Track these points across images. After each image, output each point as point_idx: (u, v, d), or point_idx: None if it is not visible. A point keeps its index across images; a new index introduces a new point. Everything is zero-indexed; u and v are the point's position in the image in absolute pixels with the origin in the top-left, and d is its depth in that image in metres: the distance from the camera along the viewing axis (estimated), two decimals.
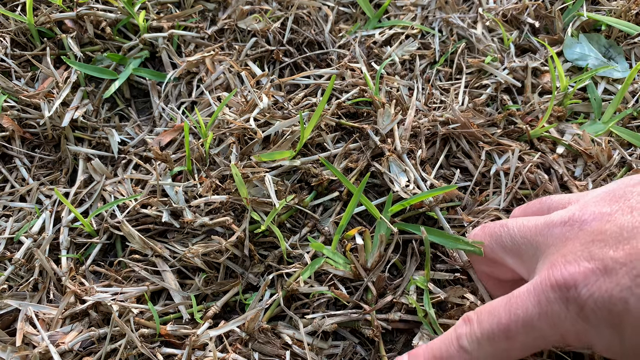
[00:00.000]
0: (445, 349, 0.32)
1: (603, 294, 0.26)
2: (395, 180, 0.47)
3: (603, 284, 0.26)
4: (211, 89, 0.57)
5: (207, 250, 0.44)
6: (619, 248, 0.27)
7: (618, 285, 0.26)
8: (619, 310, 0.26)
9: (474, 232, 0.39)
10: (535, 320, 0.28)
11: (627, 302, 0.26)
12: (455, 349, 0.32)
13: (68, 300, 0.43)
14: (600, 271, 0.27)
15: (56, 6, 0.61)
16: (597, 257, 0.27)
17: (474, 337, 0.31)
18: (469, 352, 0.31)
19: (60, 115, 0.54)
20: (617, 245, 0.27)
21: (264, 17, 0.61)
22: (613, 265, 0.26)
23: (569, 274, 0.28)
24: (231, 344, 0.41)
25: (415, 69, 0.58)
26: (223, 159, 0.50)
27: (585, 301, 0.27)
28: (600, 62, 0.58)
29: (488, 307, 0.31)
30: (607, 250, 0.27)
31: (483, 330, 0.30)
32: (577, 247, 0.29)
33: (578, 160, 0.51)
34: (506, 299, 0.30)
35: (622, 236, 0.27)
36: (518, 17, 0.62)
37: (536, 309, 0.29)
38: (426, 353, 0.34)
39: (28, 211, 0.51)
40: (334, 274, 0.43)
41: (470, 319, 0.32)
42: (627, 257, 0.26)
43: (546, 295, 0.28)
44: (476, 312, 0.32)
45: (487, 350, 0.30)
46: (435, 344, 0.33)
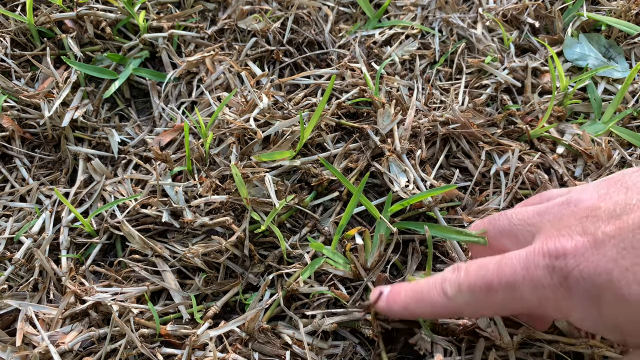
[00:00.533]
0: (427, 289, 0.34)
1: (589, 265, 0.27)
2: (395, 180, 0.47)
3: (591, 255, 0.27)
4: (211, 89, 0.57)
5: (207, 250, 0.44)
6: (611, 223, 0.28)
7: (604, 257, 0.27)
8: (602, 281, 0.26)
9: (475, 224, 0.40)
10: (519, 282, 0.29)
11: (611, 273, 0.26)
12: (437, 291, 0.33)
13: (68, 300, 0.43)
14: (590, 244, 0.28)
15: (56, 6, 0.61)
16: (590, 232, 0.28)
17: (457, 283, 0.32)
18: (449, 296, 0.32)
19: (60, 115, 0.54)
20: (609, 220, 0.28)
21: (264, 17, 0.61)
22: (603, 238, 0.27)
23: (561, 245, 0.28)
24: (231, 344, 0.41)
25: (415, 69, 0.58)
26: (223, 159, 0.50)
27: (570, 271, 0.28)
28: (600, 62, 0.58)
29: (479, 261, 0.33)
30: (599, 225, 0.28)
31: (467, 279, 0.32)
32: (571, 222, 0.30)
33: (578, 160, 0.51)
34: (498, 257, 0.32)
35: (615, 212, 0.28)
36: (518, 17, 0.62)
37: (523, 271, 0.29)
38: (408, 289, 0.35)
39: (28, 211, 0.51)
40: (334, 273, 0.43)
41: (459, 268, 0.33)
42: (617, 230, 0.27)
43: (535, 261, 0.29)
44: (466, 263, 0.33)
45: (466, 298, 0.32)
46: (420, 283, 0.35)
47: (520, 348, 0.40)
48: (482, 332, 0.39)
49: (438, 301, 0.33)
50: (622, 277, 0.26)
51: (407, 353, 0.42)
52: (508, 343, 0.39)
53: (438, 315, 0.36)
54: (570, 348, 0.39)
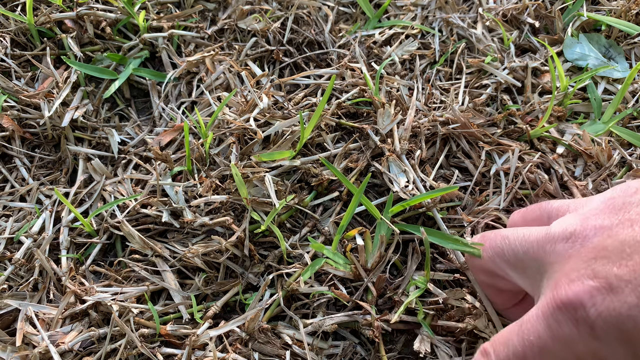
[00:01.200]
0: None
1: (611, 313, 0.26)
2: (394, 180, 0.47)
3: (610, 303, 0.26)
4: (211, 89, 0.57)
5: (207, 250, 0.44)
6: (622, 264, 0.27)
7: (625, 304, 0.26)
8: (629, 328, 0.26)
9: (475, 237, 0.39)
10: (550, 344, 0.28)
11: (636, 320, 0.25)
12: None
13: (68, 300, 0.43)
14: (606, 289, 0.27)
15: (56, 6, 0.61)
16: (601, 275, 0.27)
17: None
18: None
19: (60, 115, 0.54)
20: (621, 261, 0.27)
21: (264, 17, 0.61)
22: (618, 283, 0.26)
23: (574, 294, 0.27)
24: (231, 344, 0.41)
25: (415, 69, 0.58)
26: (223, 159, 0.50)
27: (594, 321, 0.27)
28: (600, 62, 0.58)
29: (501, 338, 0.31)
30: (611, 267, 0.27)
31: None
32: (579, 265, 0.28)
33: (578, 160, 0.51)
34: (517, 326, 0.30)
35: (625, 252, 0.27)
36: (518, 17, 0.62)
37: (547, 332, 0.28)
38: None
39: (28, 211, 0.51)
40: (334, 274, 0.43)
41: (487, 352, 0.32)
42: (632, 273, 0.26)
43: (555, 317, 0.28)
44: (492, 344, 0.32)
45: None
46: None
47: None
48: (481, 333, 0.39)
49: None
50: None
51: (407, 353, 0.42)
52: None
53: None
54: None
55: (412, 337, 0.41)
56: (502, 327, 0.39)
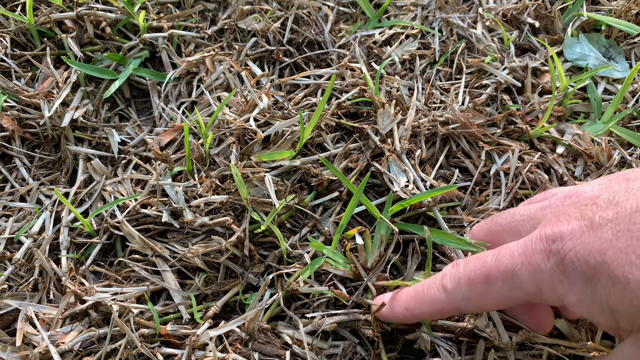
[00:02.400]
0: (428, 286, 0.35)
1: (585, 246, 0.27)
2: (394, 180, 0.47)
3: (587, 238, 0.28)
4: (211, 89, 0.57)
5: (207, 250, 0.44)
6: (609, 209, 0.28)
7: (600, 239, 0.27)
8: (596, 262, 0.27)
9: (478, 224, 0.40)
10: (517, 268, 0.30)
11: (605, 254, 0.26)
12: (437, 286, 0.34)
13: (68, 300, 0.43)
14: (587, 227, 0.28)
15: (56, 6, 0.61)
16: (587, 217, 0.28)
17: (456, 277, 0.33)
18: (448, 290, 0.33)
19: (60, 115, 0.54)
20: (608, 207, 0.28)
21: (264, 17, 0.61)
22: (600, 221, 0.28)
23: (558, 229, 0.29)
24: (231, 344, 0.41)
25: (415, 69, 0.58)
26: (223, 159, 0.50)
27: (566, 253, 0.28)
28: (600, 62, 0.58)
29: (478, 255, 0.33)
30: (598, 211, 0.28)
31: (466, 272, 0.32)
32: (571, 210, 0.30)
33: (578, 160, 0.51)
34: (497, 249, 0.32)
35: (615, 199, 0.28)
36: (518, 17, 0.62)
37: (520, 258, 0.30)
38: (408, 290, 0.36)
39: (28, 211, 0.51)
40: (334, 273, 0.43)
41: (459, 263, 0.33)
42: (615, 214, 0.27)
43: (533, 246, 0.30)
44: (467, 258, 0.33)
45: (464, 290, 0.32)
46: (420, 283, 0.36)
47: (520, 350, 0.40)
48: (481, 332, 0.39)
49: (438, 297, 0.33)
50: (616, 258, 0.26)
51: (407, 353, 0.42)
52: (507, 344, 0.39)
53: (439, 314, 0.36)
54: (570, 351, 0.39)
55: (412, 337, 0.41)
56: (503, 325, 0.39)
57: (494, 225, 0.37)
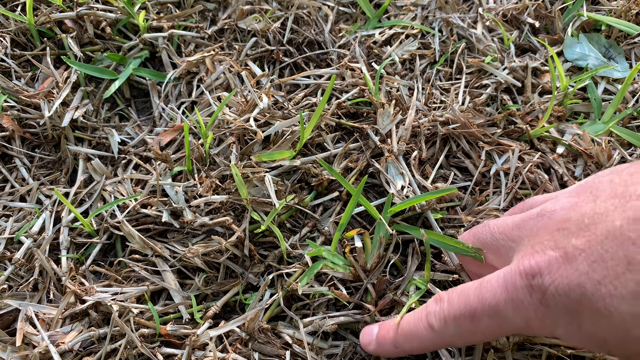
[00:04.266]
0: (414, 324, 0.34)
1: (563, 281, 0.27)
2: (391, 182, 0.47)
3: (564, 271, 0.27)
4: (211, 89, 0.57)
5: (207, 250, 0.44)
6: (580, 235, 0.27)
7: (577, 271, 0.27)
8: (576, 296, 0.26)
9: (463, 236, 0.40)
10: (502, 305, 0.30)
11: (584, 287, 0.26)
12: (423, 325, 0.34)
13: (68, 300, 0.43)
14: (562, 259, 0.28)
15: (56, 6, 0.61)
16: (561, 246, 0.28)
17: (441, 315, 0.32)
18: (435, 329, 0.33)
19: (60, 115, 0.54)
20: (579, 232, 0.28)
21: (264, 17, 0.61)
22: (573, 252, 0.27)
23: (535, 262, 0.29)
24: (231, 344, 0.41)
25: (415, 69, 0.58)
26: (223, 159, 0.50)
27: (547, 288, 0.28)
28: (600, 62, 0.58)
29: (460, 289, 0.33)
30: (570, 238, 0.28)
31: (451, 310, 0.32)
32: (544, 237, 0.30)
33: (578, 160, 0.51)
34: (477, 283, 0.32)
35: (584, 223, 0.28)
36: (518, 17, 0.62)
37: (503, 294, 0.30)
38: (394, 328, 0.36)
39: (28, 211, 0.51)
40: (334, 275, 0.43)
41: (442, 299, 0.33)
42: (586, 243, 0.27)
43: (513, 282, 0.29)
44: (448, 292, 0.33)
45: (452, 329, 0.32)
46: (406, 319, 0.35)
47: (519, 350, 0.40)
48: None
49: (426, 335, 0.33)
50: (596, 291, 0.26)
51: None
52: (504, 344, 0.39)
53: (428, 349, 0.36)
54: (570, 351, 0.39)
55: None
56: None
57: (475, 240, 0.37)
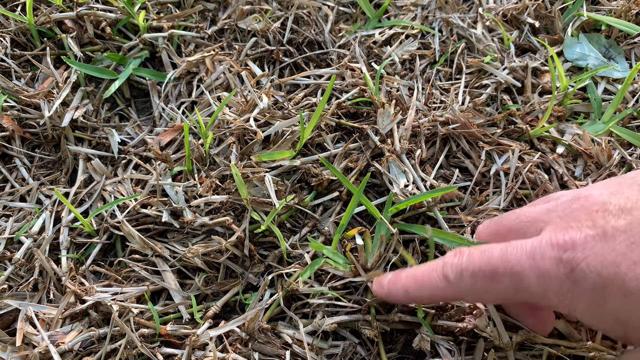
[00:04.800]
0: (428, 273, 0.33)
1: (597, 257, 0.27)
2: (394, 181, 0.47)
3: (600, 248, 0.27)
4: (211, 89, 0.57)
5: (207, 250, 0.44)
6: (621, 217, 0.27)
7: (614, 251, 0.27)
8: (609, 274, 0.26)
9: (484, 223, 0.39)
10: (526, 272, 0.29)
11: (619, 267, 0.26)
12: (437, 275, 0.33)
13: (68, 300, 0.43)
14: (600, 237, 0.27)
15: (56, 6, 0.61)
16: (599, 225, 0.28)
17: (459, 267, 0.32)
18: (450, 280, 0.32)
19: (60, 115, 0.54)
20: (620, 215, 0.28)
21: (264, 17, 0.61)
22: (613, 232, 0.27)
23: (569, 237, 0.28)
24: (231, 344, 0.41)
25: (415, 69, 0.58)
26: (223, 159, 0.50)
27: (578, 263, 0.27)
28: (600, 62, 0.58)
29: (483, 247, 0.32)
30: (610, 219, 0.28)
31: (470, 264, 0.31)
32: (581, 216, 0.29)
33: (578, 160, 0.51)
34: (504, 244, 0.31)
35: (626, 207, 0.28)
36: (518, 17, 0.62)
37: (529, 261, 0.29)
38: (408, 273, 0.35)
39: (28, 211, 0.51)
40: (334, 274, 0.43)
41: (462, 252, 0.32)
42: (628, 225, 0.27)
43: (542, 251, 0.29)
44: (469, 248, 0.32)
45: (467, 282, 0.31)
46: (421, 268, 0.34)
47: (520, 350, 0.40)
48: (481, 332, 0.39)
49: (438, 285, 0.33)
50: (630, 271, 0.26)
51: (407, 353, 0.42)
52: (507, 343, 0.39)
53: (438, 300, 0.36)
54: (570, 351, 0.39)
55: (412, 336, 0.41)
56: (503, 326, 0.39)
57: (499, 226, 0.37)
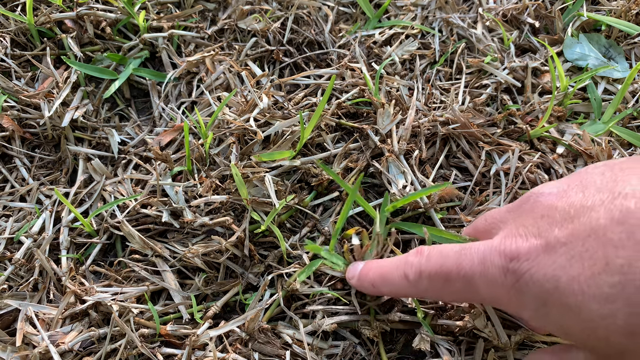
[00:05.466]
0: (391, 271, 0.36)
1: (540, 269, 0.27)
2: (393, 181, 0.47)
3: (542, 260, 0.28)
4: (211, 89, 0.57)
5: (207, 250, 0.44)
6: (564, 226, 0.28)
7: (555, 263, 0.27)
8: (550, 287, 0.27)
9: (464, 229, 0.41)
10: (476, 277, 0.30)
11: (559, 281, 0.27)
12: (399, 274, 0.35)
13: (68, 300, 0.43)
14: (543, 248, 0.28)
15: (56, 6, 0.61)
16: (543, 235, 0.28)
17: (417, 269, 0.34)
18: (409, 280, 0.34)
19: (60, 115, 0.54)
20: (563, 223, 0.28)
21: (264, 17, 0.61)
22: (555, 243, 0.27)
23: (516, 247, 0.29)
24: (231, 344, 0.41)
25: (415, 69, 0.58)
26: (223, 159, 0.50)
27: (522, 274, 0.28)
28: (600, 62, 0.58)
29: (441, 248, 0.34)
30: (553, 228, 0.28)
31: (427, 266, 0.33)
32: (529, 221, 0.30)
33: (578, 160, 0.51)
34: (460, 247, 0.32)
35: (569, 214, 0.28)
36: (518, 17, 0.62)
37: (479, 267, 0.30)
38: (375, 268, 0.38)
39: (28, 211, 0.51)
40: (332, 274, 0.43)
41: (422, 253, 0.34)
42: (569, 236, 0.27)
43: (491, 259, 0.30)
44: (429, 248, 0.34)
45: (425, 284, 0.33)
46: (386, 264, 0.37)
47: (519, 349, 0.40)
48: (480, 332, 0.39)
49: (400, 283, 0.35)
50: (568, 286, 0.26)
51: (407, 353, 0.42)
52: (506, 343, 0.39)
53: (401, 296, 0.39)
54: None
55: (412, 336, 0.41)
56: (501, 326, 0.39)
57: (473, 230, 0.38)
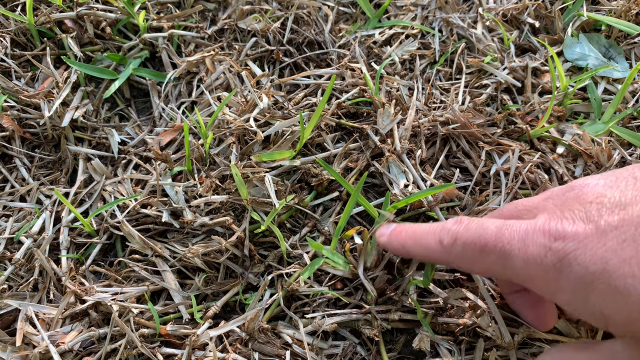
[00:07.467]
0: (426, 233, 0.35)
1: (587, 251, 0.27)
2: (394, 181, 0.47)
3: (591, 242, 0.27)
4: (211, 89, 0.57)
5: (207, 250, 0.44)
6: (615, 212, 0.27)
7: (604, 247, 0.27)
8: (597, 270, 0.26)
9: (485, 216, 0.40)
10: (514, 253, 0.30)
11: (608, 263, 0.26)
12: (433, 237, 0.34)
13: (68, 300, 0.43)
14: (592, 232, 0.27)
15: (56, 6, 0.61)
16: (593, 219, 0.28)
17: (454, 235, 0.33)
18: (444, 245, 0.34)
19: (60, 115, 0.54)
20: (614, 209, 0.28)
21: (264, 17, 0.61)
22: (605, 227, 0.27)
23: (562, 227, 0.29)
24: (231, 344, 0.41)
25: (415, 69, 0.58)
26: (223, 159, 0.50)
27: (567, 254, 0.28)
28: (600, 62, 0.58)
29: (482, 220, 0.33)
30: (603, 213, 0.28)
31: (465, 234, 0.33)
32: (576, 206, 0.29)
33: (578, 160, 0.51)
34: (501, 222, 0.32)
35: (621, 202, 0.28)
36: (518, 17, 0.62)
37: (519, 244, 0.30)
38: (409, 229, 0.37)
39: (28, 211, 0.51)
40: (334, 274, 0.43)
41: (462, 221, 0.34)
42: (621, 221, 0.27)
43: (534, 237, 0.29)
44: (470, 219, 0.34)
45: (459, 250, 0.33)
46: (421, 227, 0.37)
47: (520, 348, 0.40)
48: (483, 331, 0.39)
49: (432, 247, 0.34)
50: (618, 269, 0.26)
51: (407, 353, 0.42)
52: (509, 343, 0.39)
53: (431, 260, 0.38)
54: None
55: (412, 336, 0.41)
56: (505, 324, 0.39)
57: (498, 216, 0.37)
